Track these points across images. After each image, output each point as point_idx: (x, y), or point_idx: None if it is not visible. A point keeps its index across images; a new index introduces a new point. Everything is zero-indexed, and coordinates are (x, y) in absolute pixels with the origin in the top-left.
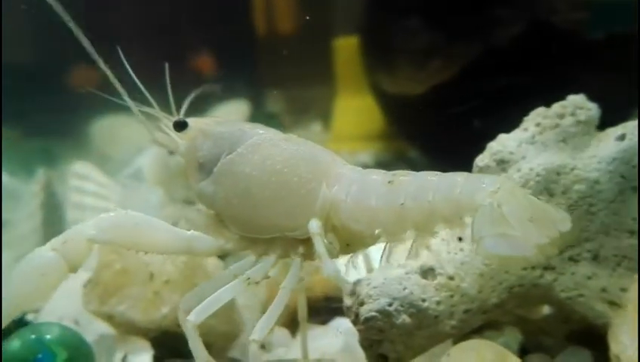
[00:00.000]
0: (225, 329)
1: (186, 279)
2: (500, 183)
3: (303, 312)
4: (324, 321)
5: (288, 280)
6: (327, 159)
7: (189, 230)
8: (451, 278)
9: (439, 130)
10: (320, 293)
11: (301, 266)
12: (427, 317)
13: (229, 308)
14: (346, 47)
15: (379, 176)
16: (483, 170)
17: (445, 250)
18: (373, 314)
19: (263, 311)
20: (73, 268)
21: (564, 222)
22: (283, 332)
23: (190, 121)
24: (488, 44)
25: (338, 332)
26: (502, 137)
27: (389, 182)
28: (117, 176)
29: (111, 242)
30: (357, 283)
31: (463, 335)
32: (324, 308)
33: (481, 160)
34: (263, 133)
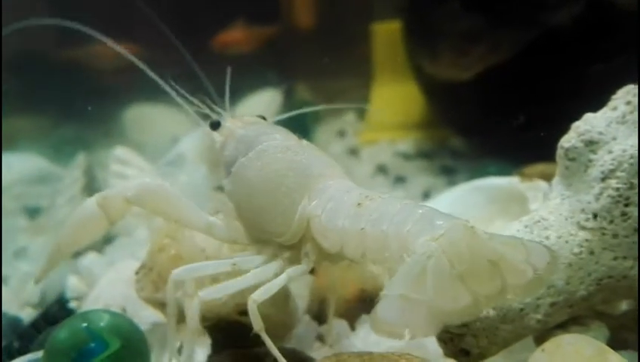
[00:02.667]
0: (281, 318)
1: None
2: (448, 229)
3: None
4: None
5: (261, 271)
6: (318, 172)
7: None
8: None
9: (484, 118)
10: (354, 290)
11: (282, 270)
12: (512, 311)
13: (285, 297)
14: (385, 32)
15: (355, 195)
16: (569, 151)
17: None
18: None
19: (312, 299)
20: (112, 223)
21: (523, 275)
22: (341, 323)
23: (225, 120)
24: (537, 27)
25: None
26: (588, 116)
27: (359, 204)
28: (156, 162)
29: (144, 206)
30: None
31: (546, 330)
32: None
33: (567, 140)
34: (276, 138)
